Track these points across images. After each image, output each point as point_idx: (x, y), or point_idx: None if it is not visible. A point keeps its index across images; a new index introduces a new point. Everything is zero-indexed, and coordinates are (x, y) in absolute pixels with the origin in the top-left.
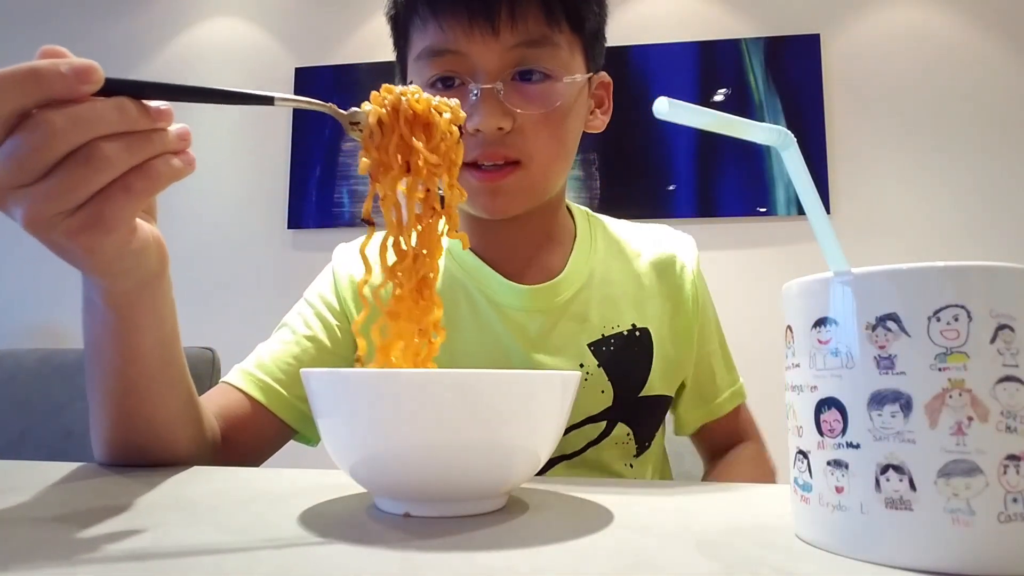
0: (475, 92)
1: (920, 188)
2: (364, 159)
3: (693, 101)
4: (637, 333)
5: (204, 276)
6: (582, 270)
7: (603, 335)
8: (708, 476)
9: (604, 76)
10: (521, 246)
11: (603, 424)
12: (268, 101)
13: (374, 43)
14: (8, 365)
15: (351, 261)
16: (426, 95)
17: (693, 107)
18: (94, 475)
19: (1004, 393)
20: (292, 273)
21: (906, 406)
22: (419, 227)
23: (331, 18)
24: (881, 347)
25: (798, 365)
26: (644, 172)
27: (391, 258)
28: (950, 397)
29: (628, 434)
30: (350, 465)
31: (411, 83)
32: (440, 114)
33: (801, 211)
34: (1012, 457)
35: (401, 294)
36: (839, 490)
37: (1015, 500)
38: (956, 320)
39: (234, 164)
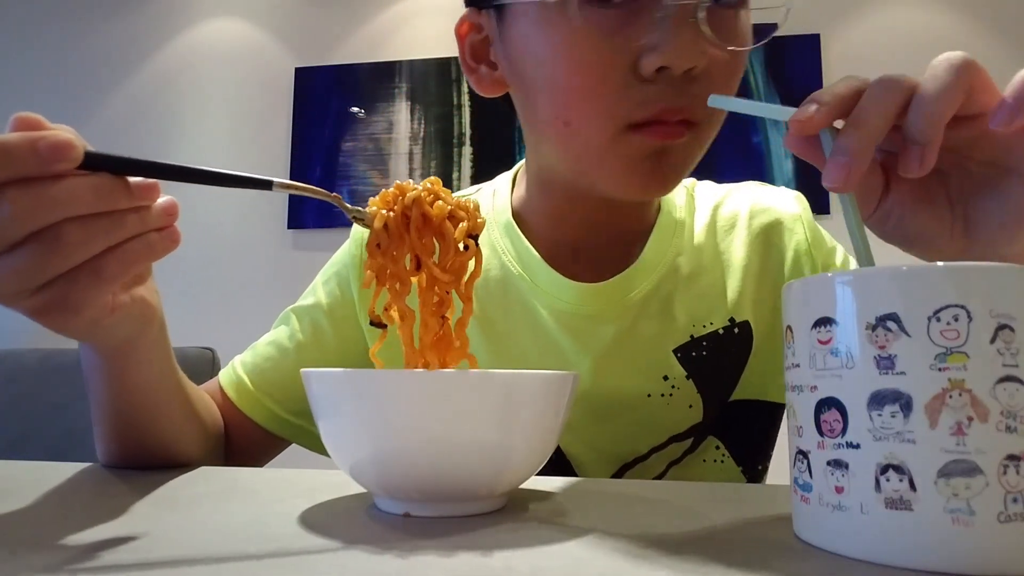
0: (664, 10)
1: None
2: (368, 270)
3: None
4: (736, 329)
5: (204, 276)
6: (663, 257)
7: (692, 336)
8: None
9: None
10: (605, 231)
11: (688, 442)
12: (266, 186)
13: (374, 43)
14: (8, 365)
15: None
16: (443, 199)
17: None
18: (95, 476)
19: (1004, 393)
20: (292, 273)
21: (906, 406)
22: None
23: (331, 18)
24: (881, 347)
25: (798, 365)
26: None
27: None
28: (950, 397)
29: (718, 447)
30: (350, 465)
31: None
32: (456, 223)
33: None
34: (1012, 457)
35: None
36: (839, 490)
37: (1015, 500)
38: (956, 320)
39: (234, 164)
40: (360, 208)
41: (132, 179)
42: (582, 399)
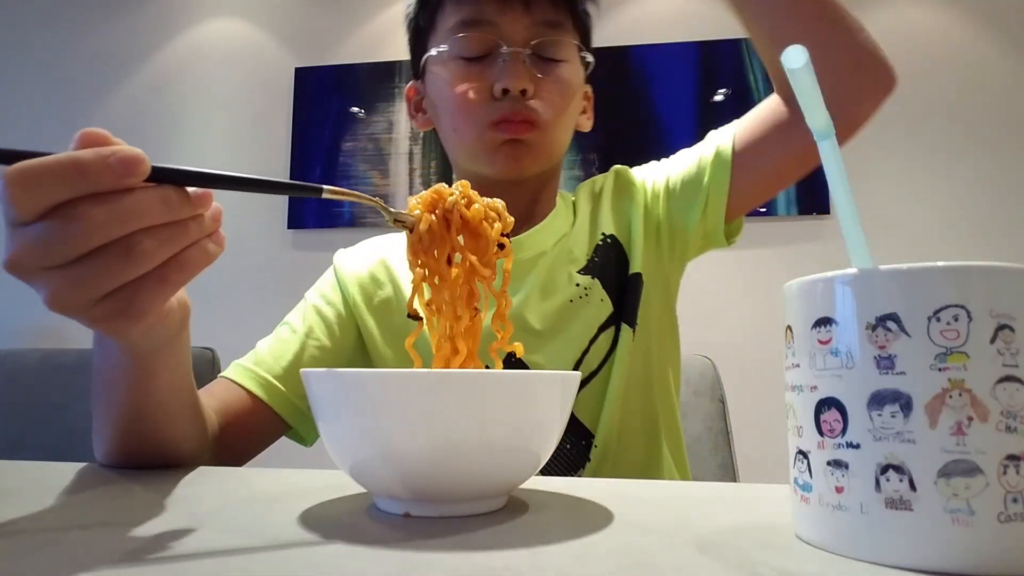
0: (505, 55)
1: (920, 187)
2: (419, 269)
3: (693, 101)
4: (609, 240)
5: (204, 276)
6: (560, 228)
7: (587, 258)
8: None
9: (588, 88)
10: (517, 208)
11: (611, 330)
12: (317, 192)
13: (374, 43)
14: (8, 365)
15: (353, 265)
16: (477, 203)
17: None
18: (95, 476)
19: (1004, 393)
20: (292, 273)
21: (906, 406)
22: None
23: (331, 18)
24: (881, 347)
25: (798, 365)
26: None
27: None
28: (950, 397)
29: (624, 328)
30: (350, 465)
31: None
32: (491, 224)
33: (801, 211)
34: (1012, 457)
35: None
36: (839, 490)
37: (1015, 500)
38: (956, 320)
39: (234, 165)
40: (401, 211)
41: (190, 189)
42: (531, 326)
